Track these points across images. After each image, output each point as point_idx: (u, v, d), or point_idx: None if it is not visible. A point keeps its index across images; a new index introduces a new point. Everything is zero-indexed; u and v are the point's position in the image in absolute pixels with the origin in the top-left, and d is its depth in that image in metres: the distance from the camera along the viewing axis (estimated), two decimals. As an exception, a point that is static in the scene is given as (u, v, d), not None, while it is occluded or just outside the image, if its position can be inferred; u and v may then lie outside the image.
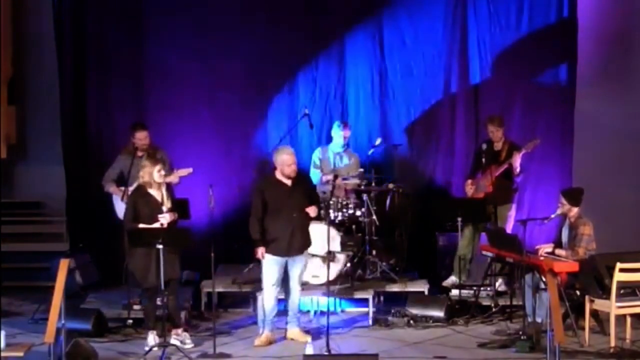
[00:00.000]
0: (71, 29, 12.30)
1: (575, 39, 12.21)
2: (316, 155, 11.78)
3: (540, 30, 12.32)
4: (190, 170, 10.69)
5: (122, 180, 10.86)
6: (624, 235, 11.78)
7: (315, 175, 11.68)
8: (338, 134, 11.69)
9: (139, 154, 10.85)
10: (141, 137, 10.95)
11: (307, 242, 10.13)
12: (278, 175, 9.96)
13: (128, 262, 9.93)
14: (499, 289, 11.15)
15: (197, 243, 10.18)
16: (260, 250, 9.93)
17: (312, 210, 10.04)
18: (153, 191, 9.80)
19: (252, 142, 12.49)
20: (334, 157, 11.72)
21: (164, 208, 9.77)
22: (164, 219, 9.70)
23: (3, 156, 12.57)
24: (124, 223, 9.94)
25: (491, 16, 12.33)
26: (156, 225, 9.68)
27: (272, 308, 10.04)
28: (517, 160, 11.20)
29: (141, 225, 9.70)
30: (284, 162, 9.88)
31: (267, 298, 10.06)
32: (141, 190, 9.82)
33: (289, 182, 9.93)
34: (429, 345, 10.01)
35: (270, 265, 9.99)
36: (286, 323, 10.19)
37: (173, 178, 10.60)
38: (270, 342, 9.97)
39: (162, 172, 9.79)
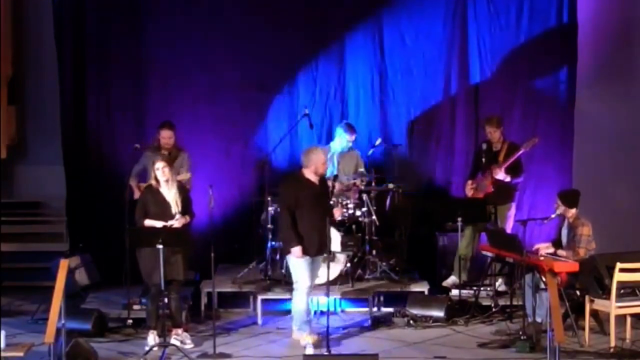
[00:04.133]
0: (71, 29, 12.29)
1: (575, 40, 12.22)
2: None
3: (541, 30, 12.32)
4: (189, 175, 10.71)
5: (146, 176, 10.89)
6: (624, 235, 11.78)
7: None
8: (344, 138, 11.64)
9: (162, 152, 10.90)
10: (165, 136, 11.00)
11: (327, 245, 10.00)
12: (307, 174, 9.85)
13: (138, 259, 9.90)
14: (499, 289, 11.15)
15: (197, 243, 10.19)
16: (299, 249, 9.73)
17: (338, 213, 10.11)
18: (163, 190, 9.81)
19: (252, 142, 12.49)
20: (338, 157, 11.70)
21: (174, 209, 9.78)
22: (174, 224, 9.71)
23: (3, 156, 12.57)
24: (134, 220, 9.95)
25: (491, 16, 12.33)
26: (158, 224, 9.68)
27: (304, 311, 9.87)
28: (499, 175, 11.21)
29: (146, 222, 9.72)
30: (320, 161, 9.83)
31: (302, 300, 9.87)
32: (152, 188, 9.85)
33: (317, 182, 9.88)
34: (429, 345, 10.01)
35: (303, 266, 9.80)
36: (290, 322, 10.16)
37: None
38: (320, 340, 9.77)
39: (162, 171, 9.77)
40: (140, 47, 12.38)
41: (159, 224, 9.69)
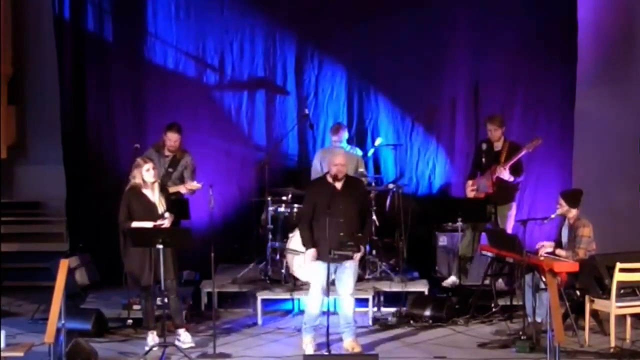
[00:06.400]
0: (71, 29, 12.30)
1: (575, 39, 12.23)
2: (317, 158, 11.76)
3: (541, 30, 12.33)
4: (200, 185, 10.70)
5: None
6: (624, 236, 11.78)
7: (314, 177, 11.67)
8: (331, 138, 11.69)
9: (166, 153, 10.92)
10: (171, 139, 10.99)
11: (356, 250, 9.59)
12: (328, 177, 9.64)
13: (124, 261, 9.91)
14: (499, 289, 11.14)
15: (197, 243, 10.18)
16: (312, 252, 9.55)
17: (357, 255, 9.58)
18: (147, 191, 9.78)
19: (252, 142, 12.49)
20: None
21: (160, 209, 9.76)
22: (164, 224, 9.69)
23: (3, 156, 12.56)
24: (118, 222, 9.92)
25: (491, 16, 12.33)
26: (147, 224, 9.68)
27: (315, 315, 9.65)
28: (503, 174, 11.21)
29: (134, 224, 9.67)
30: (331, 161, 9.61)
31: (312, 304, 9.68)
32: (135, 189, 9.80)
33: (338, 185, 9.58)
34: (429, 345, 10.01)
35: (316, 269, 9.58)
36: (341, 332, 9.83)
37: (181, 188, 10.63)
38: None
39: (151, 172, 9.74)
40: (140, 47, 12.39)
41: (147, 224, 9.67)
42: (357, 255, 9.59)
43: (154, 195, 9.78)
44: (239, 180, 12.43)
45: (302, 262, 10.90)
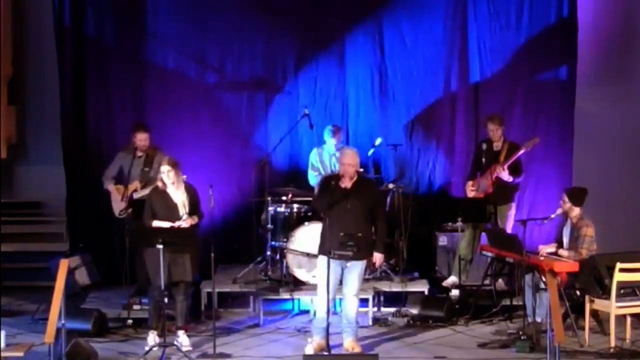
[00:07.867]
0: (71, 29, 12.30)
1: (575, 39, 12.22)
2: (313, 156, 11.76)
3: (541, 30, 12.33)
4: (184, 178, 10.72)
5: (122, 178, 10.92)
6: (624, 235, 11.78)
7: (312, 177, 11.67)
8: (329, 140, 11.62)
9: (138, 154, 10.94)
10: (141, 139, 11.08)
11: (363, 251, 9.51)
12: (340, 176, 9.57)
13: (144, 260, 9.90)
14: (499, 289, 11.14)
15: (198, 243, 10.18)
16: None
17: (378, 259, 9.65)
18: (170, 192, 9.81)
19: (252, 142, 12.49)
20: (330, 158, 11.68)
21: (181, 210, 9.78)
22: (181, 225, 9.70)
23: (3, 156, 12.57)
24: (143, 221, 9.92)
25: (491, 16, 12.34)
26: (165, 224, 9.69)
27: (322, 315, 9.50)
28: (502, 174, 11.20)
29: (154, 223, 9.72)
30: (339, 160, 9.51)
31: (318, 303, 9.59)
32: (158, 190, 9.86)
33: (348, 184, 9.46)
34: (429, 345, 10.01)
35: (323, 266, 9.47)
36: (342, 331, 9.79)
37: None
38: (321, 349, 9.50)
39: (167, 175, 9.74)
40: (140, 47, 12.39)
41: (166, 224, 9.70)
42: (378, 260, 9.70)
43: (177, 195, 9.81)
44: (239, 180, 12.42)
45: (303, 262, 10.94)
